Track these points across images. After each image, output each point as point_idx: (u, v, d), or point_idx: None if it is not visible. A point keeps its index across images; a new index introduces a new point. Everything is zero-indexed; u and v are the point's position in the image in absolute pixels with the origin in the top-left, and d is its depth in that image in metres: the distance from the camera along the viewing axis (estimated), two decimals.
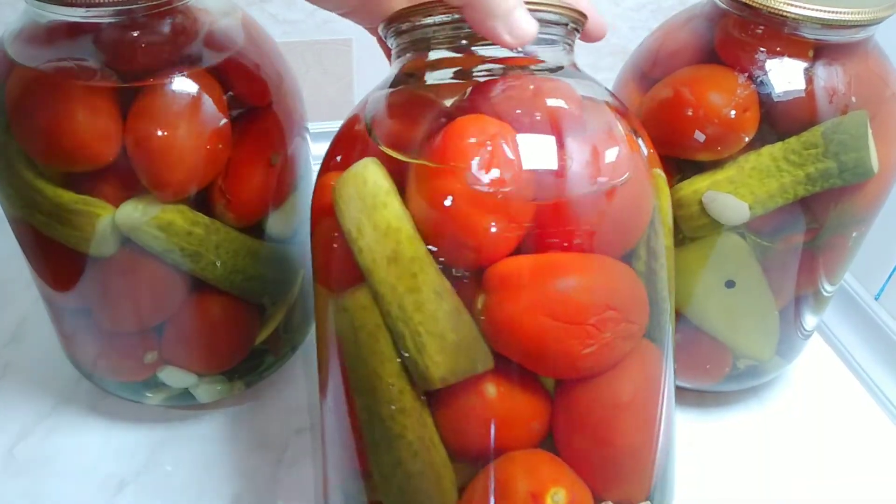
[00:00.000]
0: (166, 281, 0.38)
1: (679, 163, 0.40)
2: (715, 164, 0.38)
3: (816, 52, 0.37)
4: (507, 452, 0.28)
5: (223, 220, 0.37)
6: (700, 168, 0.39)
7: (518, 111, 0.29)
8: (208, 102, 0.34)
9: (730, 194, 0.38)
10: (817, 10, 0.35)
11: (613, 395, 0.29)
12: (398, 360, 0.28)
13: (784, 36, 0.37)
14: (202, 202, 0.36)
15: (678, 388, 0.50)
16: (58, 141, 0.33)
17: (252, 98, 0.37)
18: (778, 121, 0.37)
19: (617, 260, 0.29)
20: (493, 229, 0.27)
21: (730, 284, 0.42)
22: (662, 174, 0.32)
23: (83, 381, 0.48)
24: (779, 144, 0.37)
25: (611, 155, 0.29)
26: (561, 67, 0.31)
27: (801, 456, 0.47)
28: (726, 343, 0.45)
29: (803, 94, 0.37)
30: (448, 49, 0.30)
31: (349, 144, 0.32)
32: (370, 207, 0.28)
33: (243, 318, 0.42)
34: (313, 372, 0.50)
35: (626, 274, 0.29)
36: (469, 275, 0.28)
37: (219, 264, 0.38)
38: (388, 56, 0.35)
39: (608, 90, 0.32)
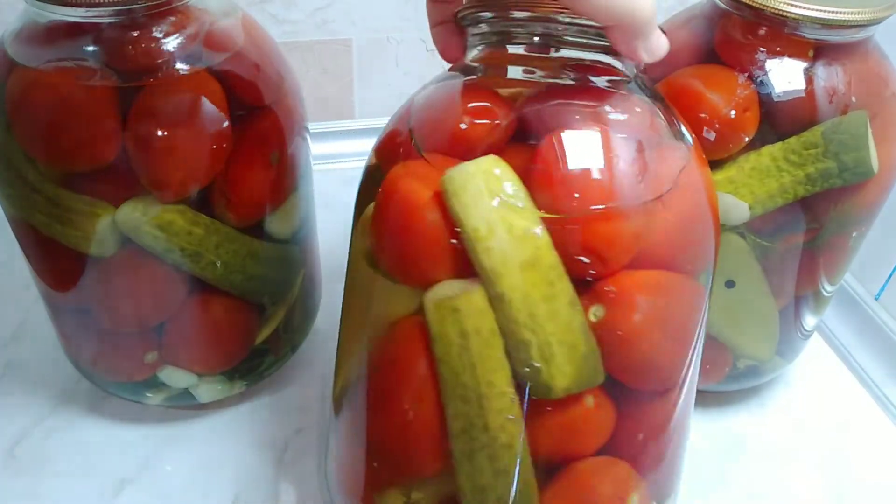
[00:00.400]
0: (166, 281, 0.38)
1: None
2: (715, 164, 0.38)
3: (816, 51, 0.37)
4: (585, 458, 0.29)
5: (223, 220, 0.37)
6: None
7: (618, 124, 0.29)
8: (208, 102, 0.34)
9: (730, 194, 0.38)
10: (817, 10, 0.35)
11: (680, 405, 0.31)
12: (510, 368, 0.27)
13: (784, 36, 0.37)
14: (202, 202, 0.36)
15: None
16: (58, 141, 0.33)
17: (252, 98, 0.37)
18: (778, 121, 0.37)
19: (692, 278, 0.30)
20: (618, 241, 0.27)
21: (730, 284, 0.42)
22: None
23: (83, 381, 0.48)
24: (779, 144, 0.37)
25: (691, 171, 0.30)
26: (630, 79, 0.31)
27: (800, 456, 0.47)
28: (726, 343, 0.45)
29: (803, 94, 0.37)
30: (525, 47, 0.29)
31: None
32: (507, 208, 0.26)
33: (243, 318, 0.42)
34: (314, 371, 0.50)
35: (701, 292, 0.31)
36: (586, 286, 0.27)
37: (219, 264, 0.38)
38: (440, 42, 0.32)
39: (665, 102, 0.32)
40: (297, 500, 0.42)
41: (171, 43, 0.34)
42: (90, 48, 0.33)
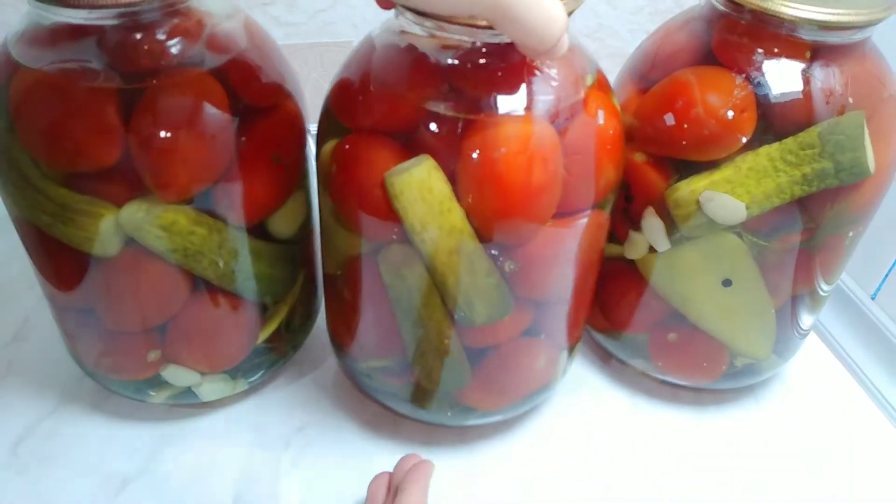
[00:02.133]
0: (169, 280, 0.38)
1: (677, 163, 0.40)
2: (712, 165, 0.39)
3: (813, 53, 0.37)
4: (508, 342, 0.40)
5: (226, 220, 0.38)
6: (697, 168, 0.39)
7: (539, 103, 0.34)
8: (211, 104, 0.35)
9: (727, 194, 0.38)
10: (814, 11, 0.35)
11: (576, 307, 0.43)
12: (444, 308, 0.37)
13: (781, 37, 0.37)
14: (205, 202, 0.36)
15: (676, 386, 0.51)
16: (61, 142, 0.34)
17: (254, 99, 0.37)
18: (775, 121, 0.38)
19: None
20: (523, 233, 0.36)
21: (727, 283, 0.42)
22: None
23: (86, 380, 0.48)
24: (776, 145, 0.38)
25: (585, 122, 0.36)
26: None
27: (797, 454, 0.48)
28: (723, 341, 0.45)
29: (800, 95, 0.37)
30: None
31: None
32: (437, 213, 0.34)
33: (245, 318, 0.43)
34: (316, 370, 0.51)
35: (601, 221, 0.39)
36: (500, 251, 0.36)
37: (221, 264, 0.38)
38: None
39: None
40: (299, 498, 0.43)
41: (174, 45, 0.34)
42: (93, 50, 0.34)
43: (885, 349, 0.56)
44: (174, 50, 0.34)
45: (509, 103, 0.33)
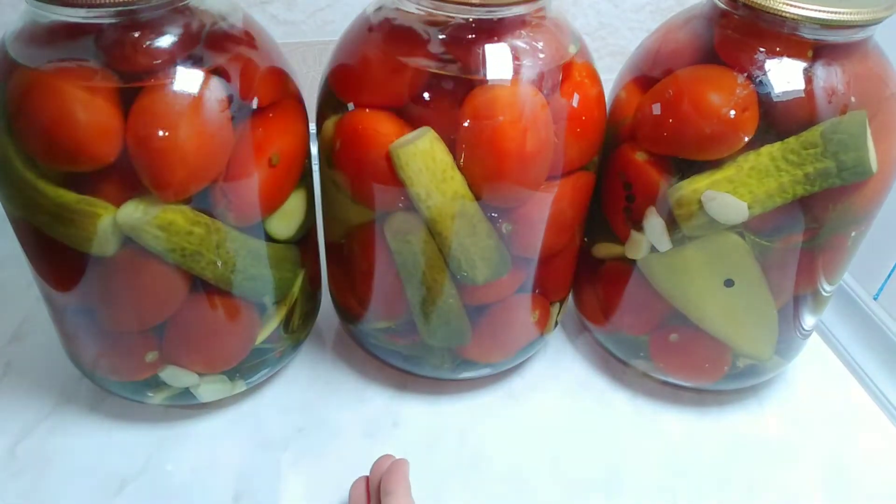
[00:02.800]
0: (167, 280, 0.38)
1: (678, 162, 0.40)
2: (714, 164, 0.39)
3: (816, 52, 0.37)
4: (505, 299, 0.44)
5: (224, 220, 0.37)
6: (699, 168, 0.39)
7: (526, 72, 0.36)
8: (209, 103, 0.34)
9: (729, 194, 0.38)
10: (816, 10, 0.35)
11: (570, 248, 0.47)
12: (447, 269, 0.41)
13: (783, 36, 0.37)
14: (203, 202, 0.36)
15: (678, 387, 0.50)
16: (59, 141, 0.33)
17: (253, 98, 0.37)
18: (777, 121, 0.38)
19: None
20: (519, 198, 0.39)
21: (729, 283, 0.42)
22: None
23: (84, 381, 0.48)
24: (778, 144, 0.38)
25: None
26: (542, 7, 0.38)
27: (799, 454, 0.47)
28: (725, 342, 0.45)
29: (802, 94, 0.37)
30: None
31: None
32: (440, 180, 0.36)
33: (244, 318, 0.43)
34: (315, 371, 0.50)
35: (588, 180, 0.43)
36: (498, 214, 0.39)
37: (219, 264, 0.38)
38: None
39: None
40: (298, 499, 0.43)
41: (172, 43, 0.34)
42: (91, 49, 0.33)
43: (887, 350, 0.56)
44: (172, 48, 0.34)
45: (501, 73, 0.36)
